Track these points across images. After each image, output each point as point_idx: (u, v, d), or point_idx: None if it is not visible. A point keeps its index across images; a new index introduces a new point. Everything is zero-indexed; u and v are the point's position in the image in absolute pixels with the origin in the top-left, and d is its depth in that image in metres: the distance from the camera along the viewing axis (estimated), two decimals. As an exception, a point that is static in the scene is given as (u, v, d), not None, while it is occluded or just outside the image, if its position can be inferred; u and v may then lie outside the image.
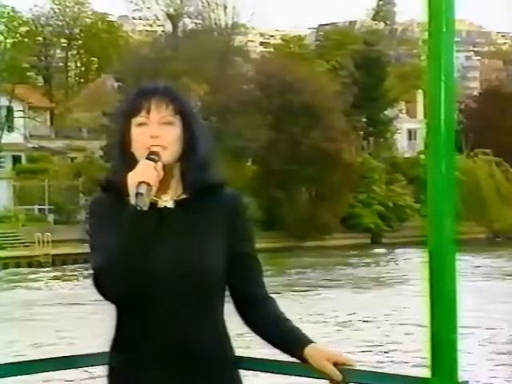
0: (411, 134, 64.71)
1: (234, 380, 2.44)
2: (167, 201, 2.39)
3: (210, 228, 2.39)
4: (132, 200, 2.28)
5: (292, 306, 17.92)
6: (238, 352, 2.45)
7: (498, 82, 77.09)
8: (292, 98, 44.85)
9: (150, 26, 66.29)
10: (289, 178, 44.94)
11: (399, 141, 61.53)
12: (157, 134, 2.36)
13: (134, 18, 72.71)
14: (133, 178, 2.29)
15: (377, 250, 41.51)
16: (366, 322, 20.02)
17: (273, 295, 2.47)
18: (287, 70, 46.85)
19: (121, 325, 2.41)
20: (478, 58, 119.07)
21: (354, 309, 22.01)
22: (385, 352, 16.35)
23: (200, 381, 2.37)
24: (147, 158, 2.33)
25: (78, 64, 73.08)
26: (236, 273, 2.41)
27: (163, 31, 61.44)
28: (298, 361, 2.36)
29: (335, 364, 2.28)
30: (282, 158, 44.98)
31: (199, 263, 2.35)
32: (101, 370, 2.48)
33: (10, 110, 50.76)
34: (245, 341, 3.01)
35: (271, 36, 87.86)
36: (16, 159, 49.37)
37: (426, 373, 2.15)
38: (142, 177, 2.28)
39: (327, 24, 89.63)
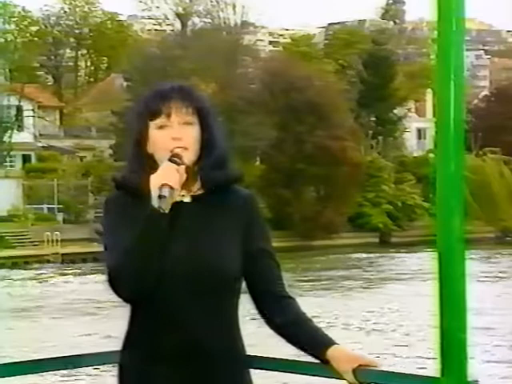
0: (420, 133, 64.62)
1: (244, 379, 2.44)
2: (184, 195, 2.40)
3: (225, 225, 2.40)
4: (154, 202, 2.28)
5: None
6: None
7: (507, 80, 76.91)
8: (298, 97, 44.81)
9: (160, 25, 66.41)
10: (296, 176, 44.90)
11: (408, 140, 61.46)
12: (179, 136, 2.37)
13: (143, 18, 72.80)
14: (155, 180, 2.29)
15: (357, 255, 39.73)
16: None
17: None
18: (294, 68, 46.82)
19: (133, 323, 2.42)
20: (488, 56, 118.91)
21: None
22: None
23: (210, 379, 2.37)
24: (170, 160, 2.33)
25: (88, 63, 73.27)
26: (254, 270, 2.40)
27: (172, 30, 61.53)
28: (312, 360, 2.35)
29: (358, 366, 2.26)
30: (289, 156, 44.96)
31: (213, 260, 2.35)
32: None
33: (19, 109, 50.88)
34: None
35: (280, 35, 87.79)
36: (26, 158, 49.52)
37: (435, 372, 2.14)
38: (165, 179, 2.29)
39: (336, 23, 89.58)
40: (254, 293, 2.43)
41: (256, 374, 2.48)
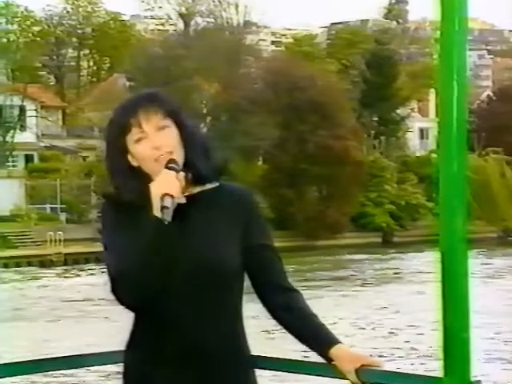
0: (423, 133, 64.59)
1: (248, 379, 2.43)
2: (179, 197, 2.37)
3: (222, 223, 2.38)
4: (156, 212, 2.26)
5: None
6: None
7: (510, 80, 76.87)
8: (301, 97, 44.80)
9: (162, 25, 66.39)
10: (298, 176, 44.89)
11: (411, 140, 61.44)
12: (158, 145, 2.33)
13: (146, 18, 72.79)
14: (156, 190, 2.26)
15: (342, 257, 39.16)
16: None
17: None
18: (296, 68, 46.84)
19: (136, 323, 2.42)
20: (491, 56, 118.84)
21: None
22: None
23: (211, 380, 2.37)
24: (167, 167, 2.30)
25: (90, 63, 73.22)
26: (255, 262, 2.39)
27: (175, 30, 61.51)
28: (316, 360, 2.34)
29: (361, 366, 2.25)
30: (291, 156, 44.95)
31: (212, 259, 2.34)
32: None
33: (22, 109, 50.93)
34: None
35: (282, 35, 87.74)
36: (28, 158, 49.55)
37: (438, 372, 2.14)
38: (166, 189, 2.26)
39: (339, 23, 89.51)
40: (257, 285, 2.40)
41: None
